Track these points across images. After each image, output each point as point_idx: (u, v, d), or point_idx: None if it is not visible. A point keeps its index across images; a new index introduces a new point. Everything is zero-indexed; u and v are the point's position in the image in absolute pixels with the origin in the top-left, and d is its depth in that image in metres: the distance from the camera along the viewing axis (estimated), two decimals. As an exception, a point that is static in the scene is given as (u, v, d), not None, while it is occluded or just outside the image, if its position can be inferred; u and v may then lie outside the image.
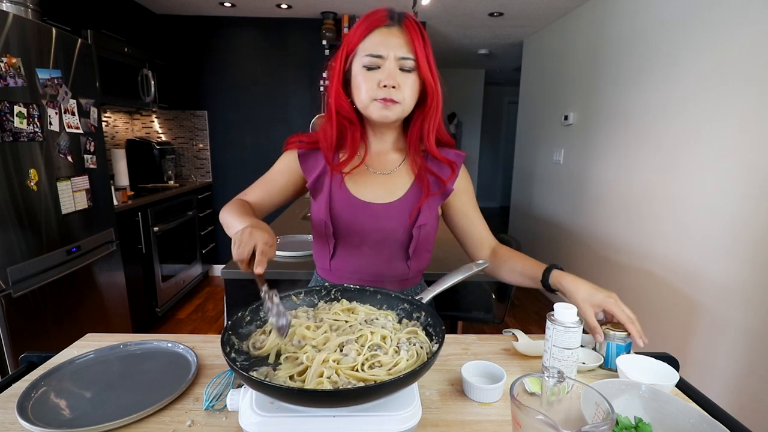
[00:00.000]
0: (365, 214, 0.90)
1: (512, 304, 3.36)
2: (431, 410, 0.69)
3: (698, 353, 1.98)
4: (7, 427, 0.63)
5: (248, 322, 0.70)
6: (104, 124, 2.88)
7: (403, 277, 0.95)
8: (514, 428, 0.51)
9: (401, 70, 0.81)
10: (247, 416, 0.56)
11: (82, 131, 1.98)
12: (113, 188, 2.36)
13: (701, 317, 1.97)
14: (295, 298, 0.77)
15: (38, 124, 1.71)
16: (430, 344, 0.65)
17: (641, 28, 2.41)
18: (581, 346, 0.77)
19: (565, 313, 0.72)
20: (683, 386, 0.76)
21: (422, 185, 0.90)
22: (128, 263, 2.46)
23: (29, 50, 1.67)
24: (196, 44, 3.57)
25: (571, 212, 3.23)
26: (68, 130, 1.89)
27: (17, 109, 1.61)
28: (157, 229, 2.83)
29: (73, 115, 1.92)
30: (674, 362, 0.81)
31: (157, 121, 3.73)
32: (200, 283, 3.69)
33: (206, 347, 0.88)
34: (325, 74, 0.95)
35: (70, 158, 1.90)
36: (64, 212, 1.87)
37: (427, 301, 0.75)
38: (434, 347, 0.62)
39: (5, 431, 0.62)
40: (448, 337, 0.74)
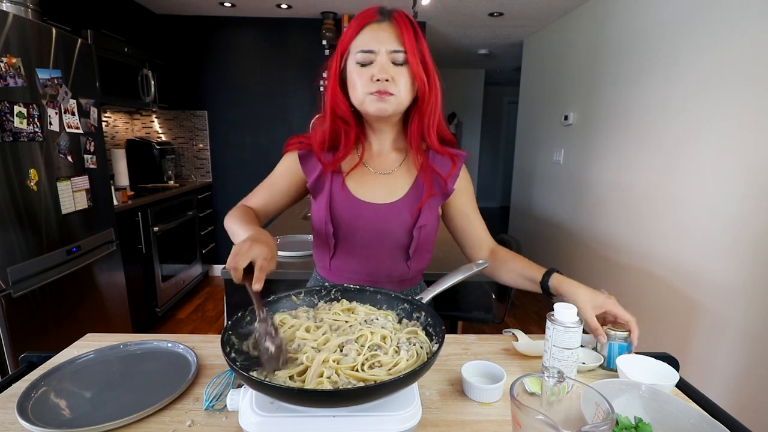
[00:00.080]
0: (366, 214, 0.89)
1: (512, 304, 3.36)
2: (431, 410, 0.69)
3: (698, 353, 1.98)
4: (7, 427, 0.63)
5: (248, 322, 0.70)
6: (104, 124, 2.88)
7: (402, 277, 0.95)
8: (514, 428, 0.51)
9: (394, 63, 0.81)
10: (247, 416, 0.56)
11: (82, 131, 1.98)
12: (113, 188, 2.36)
13: (701, 317, 1.97)
14: (295, 298, 0.77)
15: (38, 124, 1.72)
16: (430, 344, 0.65)
17: (641, 28, 2.41)
18: (581, 346, 0.77)
19: (565, 313, 0.72)
20: (683, 386, 0.76)
21: (424, 184, 0.90)
22: (128, 263, 2.46)
23: (29, 50, 1.67)
24: (196, 44, 3.57)
25: (571, 212, 3.23)
26: (68, 130, 1.89)
27: (17, 109, 1.61)
28: (157, 229, 2.83)
29: (73, 115, 1.92)
30: (674, 362, 0.81)
31: (157, 121, 3.73)
32: (200, 283, 3.69)
33: (206, 347, 0.88)
34: (325, 74, 0.96)
35: (70, 158, 1.90)
36: (64, 212, 1.87)
37: (427, 301, 0.75)
38: (434, 347, 0.62)
39: (5, 431, 0.62)
40: (448, 337, 0.74)
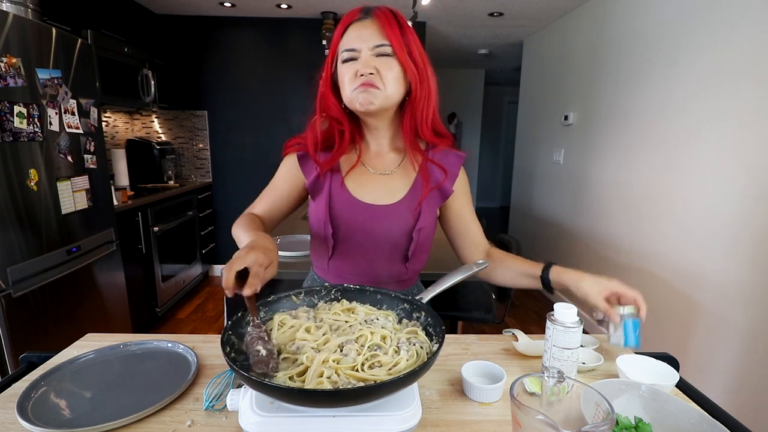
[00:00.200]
0: (365, 215, 0.89)
1: (512, 304, 3.36)
2: (431, 410, 0.69)
3: (698, 353, 1.98)
4: (7, 427, 0.63)
5: (248, 322, 0.70)
6: (104, 124, 2.88)
7: (400, 278, 0.95)
8: (514, 428, 0.51)
9: (381, 57, 0.80)
10: (247, 416, 0.56)
11: (82, 131, 1.98)
12: (113, 188, 2.36)
13: (701, 317, 1.97)
14: (295, 298, 0.77)
15: (38, 124, 1.71)
16: (430, 344, 0.65)
17: (641, 28, 2.41)
18: (581, 346, 0.77)
19: (565, 313, 0.72)
20: (683, 386, 0.76)
21: (422, 186, 0.90)
22: (128, 263, 2.46)
23: (29, 50, 1.67)
24: (196, 44, 3.57)
25: (571, 212, 3.23)
26: (68, 130, 1.89)
27: (17, 109, 1.61)
28: (157, 229, 2.83)
29: (73, 115, 1.92)
30: (674, 362, 0.81)
31: (157, 121, 3.73)
32: (200, 283, 3.69)
33: (206, 347, 0.88)
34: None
35: (70, 158, 1.90)
36: (64, 212, 1.87)
37: (426, 301, 0.75)
38: (434, 347, 0.62)
39: (5, 431, 0.62)
40: (448, 337, 0.74)
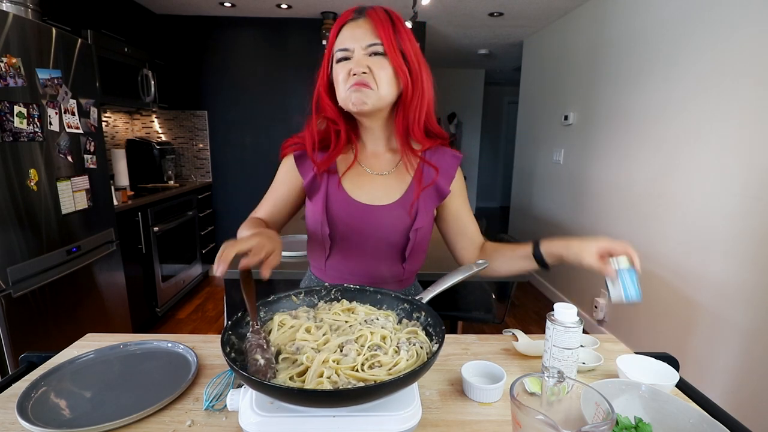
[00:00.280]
0: (362, 215, 0.89)
1: (512, 304, 3.36)
2: (431, 410, 0.69)
3: (698, 353, 1.98)
4: (7, 427, 0.63)
5: (248, 322, 0.70)
6: (104, 124, 2.87)
7: (397, 278, 0.95)
8: (514, 428, 0.51)
9: (373, 56, 0.81)
10: (247, 416, 0.56)
11: (82, 131, 1.98)
12: (113, 188, 2.36)
13: (701, 317, 1.97)
14: (295, 298, 0.77)
15: (38, 124, 1.71)
16: (430, 344, 0.65)
17: (641, 28, 2.41)
18: (581, 346, 0.77)
19: (565, 313, 0.72)
20: (683, 386, 0.76)
21: (418, 186, 0.89)
22: (128, 263, 2.46)
23: (29, 50, 1.67)
24: (196, 44, 3.57)
25: (571, 212, 3.23)
26: (68, 130, 1.89)
27: (17, 109, 1.61)
28: (157, 229, 2.83)
29: (73, 115, 1.92)
30: (674, 362, 0.81)
31: (157, 121, 3.73)
32: (200, 283, 3.69)
33: (206, 347, 0.88)
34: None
35: (70, 158, 1.90)
36: (64, 212, 1.87)
37: (426, 301, 0.75)
38: (434, 347, 0.62)
39: (5, 431, 0.62)
40: (448, 337, 0.74)
